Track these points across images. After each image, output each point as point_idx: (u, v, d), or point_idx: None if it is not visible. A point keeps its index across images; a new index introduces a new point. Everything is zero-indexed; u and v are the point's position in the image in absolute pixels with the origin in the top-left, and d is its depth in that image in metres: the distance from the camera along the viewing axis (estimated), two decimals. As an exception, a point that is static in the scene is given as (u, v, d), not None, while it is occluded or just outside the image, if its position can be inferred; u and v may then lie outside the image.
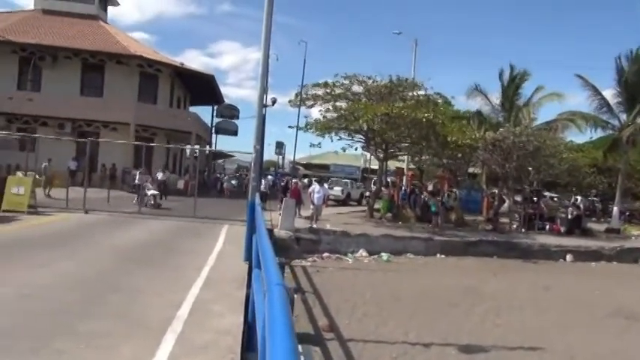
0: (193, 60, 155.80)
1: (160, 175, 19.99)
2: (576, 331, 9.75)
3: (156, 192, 18.19)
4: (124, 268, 7.72)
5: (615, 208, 26.24)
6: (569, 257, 18.38)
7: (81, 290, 6.21)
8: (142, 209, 15.84)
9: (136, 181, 18.34)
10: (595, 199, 34.25)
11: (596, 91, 26.45)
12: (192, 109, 37.86)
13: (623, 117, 26.22)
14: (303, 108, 23.33)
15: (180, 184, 26.04)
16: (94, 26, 28.63)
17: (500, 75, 29.56)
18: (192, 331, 4.94)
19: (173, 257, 8.93)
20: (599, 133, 29.06)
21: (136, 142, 22.08)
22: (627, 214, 29.69)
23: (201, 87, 32.64)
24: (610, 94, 26.80)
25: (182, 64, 29.89)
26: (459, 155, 22.52)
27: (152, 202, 17.66)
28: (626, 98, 25.84)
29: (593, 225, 24.76)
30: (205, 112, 39.96)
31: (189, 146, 30.13)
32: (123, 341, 4.54)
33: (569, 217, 22.70)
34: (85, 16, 28.96)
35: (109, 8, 32.52)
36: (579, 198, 31.59)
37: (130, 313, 5.40)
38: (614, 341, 9.32)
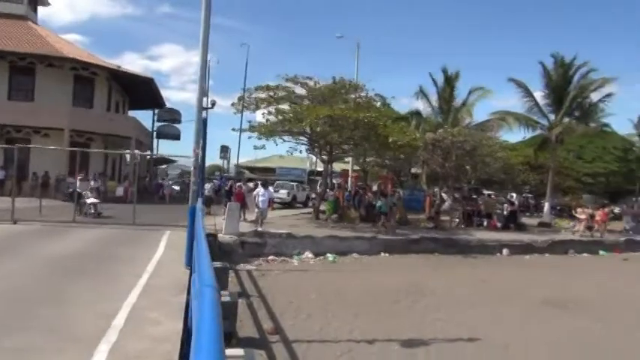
0: (132, 63, 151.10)
1: (92, 183, 19.17)
2: (511, 321, 10.24)
3: (96, 200, 17.43)
4: (56, 280, 7.36)
5: (546, 204, 27.84)
6: (505, 251, 19.28)
7: (7, 303, 5.87)
8: (76, 218, 15.12)
9: (77, 189, 17.46)
10: (528, 195, 36.20)
11: (528, 93, 27.99)
12: (132, 113, 36.66)
13: (552, 117, 27.89)
14: (247, 112, 23.15)
15: (120, 191, 25.12)
16: (23, 27, 27.14)
17: (444, 76, 30.76)
18: (128, 341, 4.79)
19: (110, 266, 8.61)
20: (531, 133, 30.75)
21: (71, 148, 21.10)
22: (557, 208, 31.59)
23: (141, 90, 31.68)
24: (539, 95, 28.46)
25: (119, 67, 28.91)
26: (401, 156, 23.12)
27: (92, 211, 16.91)
28: (553, 100, 27.51)
29: (526, 220, 26.12)
30: (146, 117, 38.79)
31: (128, 151, 29.12)
32: (53, 356, 4.34)
33: (505, 213, 23.83)
34: (13, 16, 27.37)
35: (39, 8, 30.91)
36: (514, 195, 33.27)
37: (61, 325, 5.16)
38: (545, 329, 9.88)
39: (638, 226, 25.49)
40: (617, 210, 29.03)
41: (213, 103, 25.10)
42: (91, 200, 17.15)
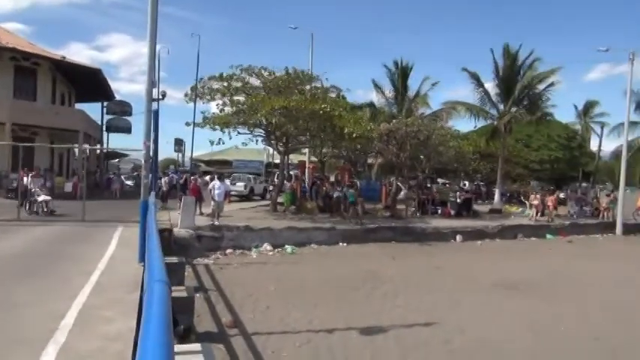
0: (79, 53, 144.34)
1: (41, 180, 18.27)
2: (464, 304, 10.57)
3: (48, 197, 16.62)
4: (0, 281, 6.97)
5: (497, 190, 28.83)
6: (458, 238, 19.85)
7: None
8: (22, 215, 14.40)
9: (29, 186, 16.56)
10: (480, 182, 37.38)
11: (479, 84, 28.80)
12: (80, 106, 35.15)
13: (501, 107, 28.83)
14: (201, 103, 22.64)
15: (69, 187, 24.10)
16: (-44, 15, 25.47)
17: (398, 67, 31.25)
18: (78, 341, 4.61)
19: (59, 265, 8.25)
20: (482, 122, 31.72)
21: (13, 143, 20.03)
22: (507, 195, 32.80)
23: (88, 82, 30.38)
24: (490, 86, 29.36)
25: (64, 57, 27.60)
26: (357, 146, 23.28)
27: (45, 209, 16.08)
28: (503, 90, 28.43)
29: (478, 206, 26.95)
30: (95, 109, 37.36)
31: (76, 146, 27.93)
32: (-5, 360, 4.12)
33: (458, 201, 24.48)
34: (-55, 3, 25.64)
35: (-26, -5, 29.08)
36: (466, 183, 34.29)
37: (6, 329, 4.90)
38: (496, 310, 10.26)
39: (581, 210, 26.82)
40: (562, 195, 30.39)
41: (164, 95, 24.44)
42: (42, 198, 16.36)
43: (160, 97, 22.13)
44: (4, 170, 21.38)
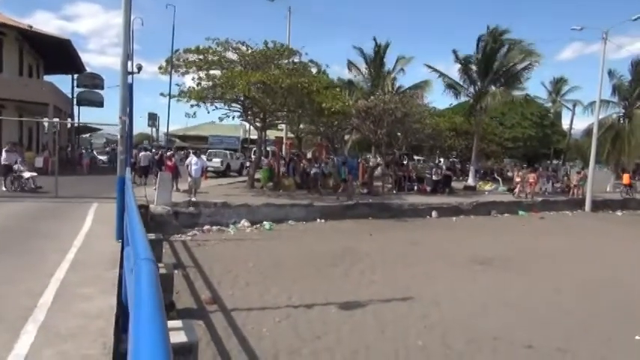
0: (46, 23, 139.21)
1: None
2: (440, 279, 10.82)
3: (34, 173, 16.13)
4: (-30, 259, 6.80)
5: (472, 168, 29.29)
6: (434, 214, 20.17)
7: None
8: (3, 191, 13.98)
9: (2, 161, 16.01)
10: (455, 160, 37.88)
11: (464, 62, 28.96)
12: (49, 78, 33.94)
13: (479, 85, 29.08)
14: (175, 76, 22.12)
15: (40, 162, 23.44)
16: None
17: (375, 45, 31.14)
18: (57, 319, 4.54)
19: (33, 242, 8.07)
20: (457, 100, 31.98)
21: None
22: (481, 172, 33.36)
23: (57, 54, 29.24)
24: (471, 64, 29.50)
25: (30, 26, 26.46)
26: (335, 122, 23.23)
27: (33, 186, 15.60)
28: (481, 68, 28.64)
29: (453, 183, 27.34)
30: (65, 82, 36.16)
31: (46, 119, 27.07)
32: (-28, 340, 4.03)
33: (435, 177, 24.76)
34: None
35: None
36: (442, 160, 34.70)
37: (-19, 308, 4.79)
38: (471, 285, 10.53)
39: (552, 187, 27.52)
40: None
41: (140, 68, 23.69)
42: (29, 174, 15.89)
43: (136, 70, 21.47)
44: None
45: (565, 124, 48.37)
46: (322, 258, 12.17)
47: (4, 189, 15.17)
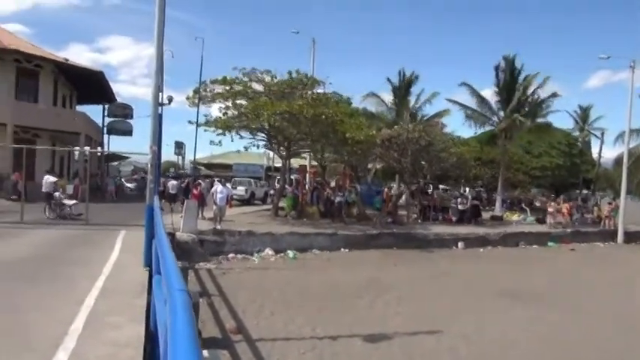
0: (80, 55, 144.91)
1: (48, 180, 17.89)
2: (468, 312, 10.56)
3: (74, 201, 16.43)
4: (5, 285, 6.92)
5: (498, 197, 28.83)
6: (460, 244, 19.83)
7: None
8: (25, 218, 14.30)
9: (44, 189, 16.29)
10: (481, 189, 37.36)
11: (478, 95, 29.01)
12: (81, 108, 35.15)
13: (501, 114, 28.92)
14: (202, 106, 22.66)
15: (70, 189, 24.03)
16: (-41, 16, 25.49)
17: (400, 76, 31.53)
18: (87, 347, 4.57)
19: (63, 269, 8.20)
20: (481, 129, 31.82)
21: (14, 145, 20.00)
22: (508, 201, 32.79)
23: (90, 84, 30.35)
24: (490, 93, 29.53)
25: (66, 59, 27.62)
26: (358, 151, 23.30)
27: (74, 213, 15.84)
28: (503, 97, 28.54)
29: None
30: (96, 112, 37.41)
31: (77, 148, 27.91)
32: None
33: (460, 207, 24.40)
34: (-52, 4, 25.68)
35: (-23, -3, 29.09)
36: (467, 189, 34.29)
37: (15, 334, 4.85)
38: (500, 318, 10.24)
39: (582, 217, 26.82)
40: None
41: (170, 99, 24.37)
42: (71, 202, 16.29)
43: (167, 101, 22.07)
44: (6, 172, 21.31)
45: (594, 152, 47.40)
46: (347, 288, 12.04)
47: (44, 216, 15.53)
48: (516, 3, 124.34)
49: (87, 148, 28.95)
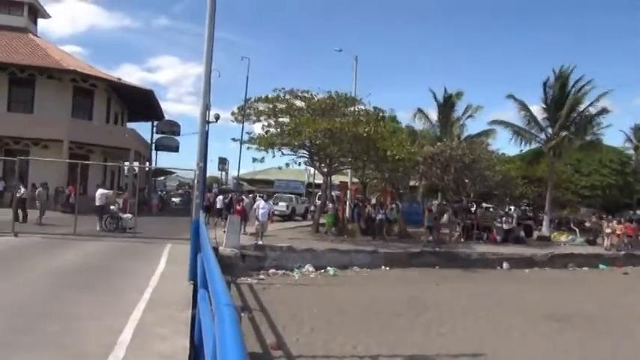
0: (131, 74, 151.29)
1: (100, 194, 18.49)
2: (514, 335, 10.20)
3: (131, 215, 16.93)
4: (59, 294, 7.29)
5: (545, 217, 27.86)
6: (505, 265, 19.25)
7: (11, 319, 5.79)
8: (77, 230, 14.97)
9: (97, 202, 16.77)
10: (527, 208, 36.21)
11: (525, 108, 28.28)
12: (131, 125, 36.71)
13: (549, 131, 28.08)
14: (247, 124, 23.25)
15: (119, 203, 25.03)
16: (24, 39, 27.25)
17: (444, 94, 31.35)
18: (135, 357, 4.74)
19: (112, 280, 8.55)
20: (527, 146, 30.95)
21: (69, 160, 21.08)
22: (556, 221, 31.61)
23: (140, 102, 31.73)
24: (537, 110, 28.73)
25: (119, 79, 29.00)
26: (400, 169, 23.16)
27: (131, 226, 16.28)
28: (551, 113, 27.73)
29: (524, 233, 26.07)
30: (145, 128, 38.91)
31: (127, 164, 29.09)
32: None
33: (505, 226, 23.72)
34: (14, 28, 27.53)
35: (39, 21, 31.04)
36: (512, 207, 33.31)
37: (67, 341, 5.09)
38: (548, 343, 9.84)
39: (637, 240, 25.49)
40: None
41: (217, 117, 25.07)
42: (127, 215, 16.90)
43: (214, 119, 22.72)
44: (61, 186, 22.42)
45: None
46: (387, 307, 11.90)
47: (98, 228, 16.20)
48: (564, 15, 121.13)
49: (136, 164, 30.11)
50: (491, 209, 31.13)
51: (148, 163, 34.94)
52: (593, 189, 36.59)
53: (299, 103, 21.28)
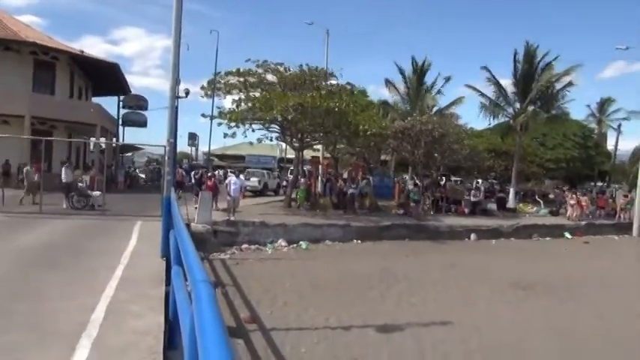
0: (93, 47, 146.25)
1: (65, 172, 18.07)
2: (481, 304, 10.62)
3: (99, 192, 16.54)
4: (28, 274, 7.14)
5: (511, 189, 28.66)
6: (473, 236, 19.82)
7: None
8: (43, 209, 14.60)
9: (63, 179, 16.41)
10: (494, 181, 37.15)
11: (496, 83, 28.67)
12: (96, 99, 35.56)
13: (517, 105, 28.65)
14: (217, 98, 22.86)
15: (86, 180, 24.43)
16: (-23, 9, 25.81)
17: (413, 66, 31.36)
18: (110, 335, 4.73)
19: (83, 258, 8.42)
20: (495, 121, 31.54)
21: (32, 137, 20.36)
22: (521, 194, 32.56)
23: (105, 76, 30.66)
24: (506, 84, 29.18)
25: (82, 51, 27.90)
26: (371, 143, 23.30)
27: (100, 204, 15.98)
28: (519, 88, 28.24)
29: (492, 205, 26.79)
30: (111, 103, 37.77)
31: (93, 139, 28.30)
32: (33, 353, 4.26)
33: (473, 199, 24.31)
34: (-35, -3, 26.05)
35: (-6, -11, 29.42)
36: (480, 180, 34.10)
37: (39, 321, 5.03)
38: (513, 310, 10.29)
39: (597, 210, 26.57)
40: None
41: (187, 92, 24.48)
42: (96, 193, 16.52)
43: (184, 95, 22.19)
44: (23, 163, 21.68)
45: (610, 144, 46.86)
46: (359, 279, 12.15)
47: (64, 206, 15.83)
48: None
49: (102, 139, 29.33)
50: (459, 182, 31.80)
51: (114, 139, 34.08)
52: (557, 162, 37.79)
53: (270, 77, 21.01)
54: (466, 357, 7.67)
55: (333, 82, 21.78)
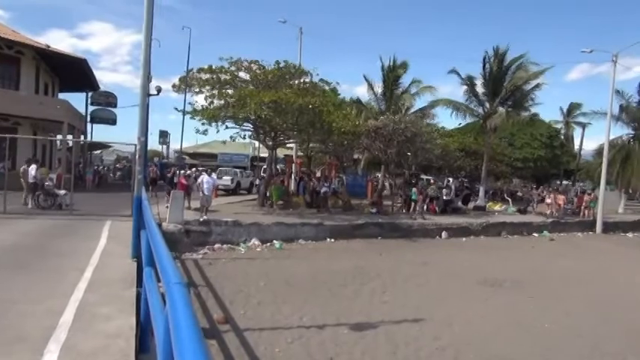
0: (60, 41, 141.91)
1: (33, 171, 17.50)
2: (451, 300, 10.81)
3: (66, 191, 16.05)
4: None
5: (481, 188, 29.24)
6: (444, 234, 20.14)
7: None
8: (7, 208, 14.13)
9: (31, 179, 15.82)
10: (464, 180, 37.85)
11: (469, 85, 29.14)
12: (63, 95, 34.53)
13: (487, 106, 29.21)
14: (189, 95, 22.47)
15: (52, 179, 23.73)
16: None
17: (383, 65, 31.49)
18: (79, 338, 4.61)
19: (50, 260, 8.18)
20: (466, 120, 32.08)
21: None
22: (491, 192, 33.29)
23: (72, 72, 29.78)
24: (478, 84, 29.69)
25: (48, 45, 27.06)
26: (345, 142, 23.40)
27: (67, 203, 15.44)
28: (490, 89, 28.79)
29: (461, 204, 27.30)
30: (78, 100, 36.76)
31: (60, 137, 27.51)
32: (-2, 359, 4.13)
33: (445, 197, 24.70)
34: None
35: (-46, -20, 28.27)
36: (450, 179, 34.68)
37: (4, 326, 4.86)
38: (482, 306, 10.51)
39: (562, 208, 27.34)
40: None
41: (159, 90, 24.05)
42: (62, 191, 16.03)
43: (155, 92, 21.78)
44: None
45: (576, 144, 48.34)
46: (333, 277, 12.20)
47: (30, 206, 15.34)
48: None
49: (70, 137, 28.55)
50: (431, 181, 32.25)
51: (82, 137, 33.20)
52: (525, 161, 38.75)
53: (243, 74, 20.83)
54: (438, 353, 7.79)
55: (307, 79, 21.72)
